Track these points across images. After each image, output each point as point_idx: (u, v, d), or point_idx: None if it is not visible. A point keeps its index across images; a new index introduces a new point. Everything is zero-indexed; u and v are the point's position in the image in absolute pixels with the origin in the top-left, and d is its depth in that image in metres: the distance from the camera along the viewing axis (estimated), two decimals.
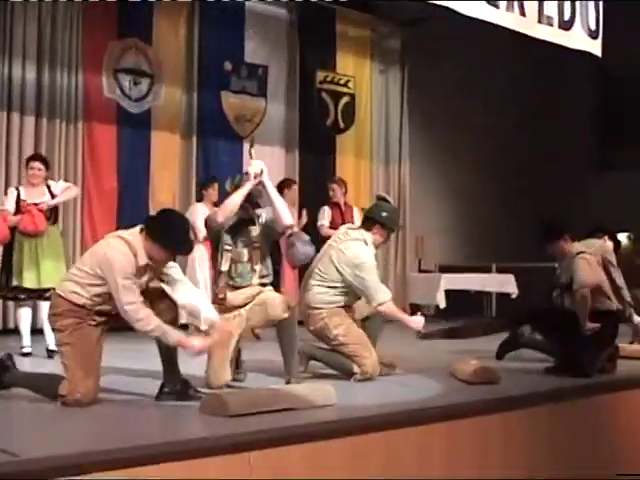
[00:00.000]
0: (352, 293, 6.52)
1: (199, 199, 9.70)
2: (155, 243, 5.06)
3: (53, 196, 7.74)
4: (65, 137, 10.16)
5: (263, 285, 6.09)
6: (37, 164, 7.76)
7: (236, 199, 5.92)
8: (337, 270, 6.47)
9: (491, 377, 6.17)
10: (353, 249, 6.53)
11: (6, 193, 7.99)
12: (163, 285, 5.32)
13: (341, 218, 9.80)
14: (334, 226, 9.67)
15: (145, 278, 5.14)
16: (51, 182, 7.93)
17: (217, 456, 4.07)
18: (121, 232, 5.30)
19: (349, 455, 4.56)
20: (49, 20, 10.05)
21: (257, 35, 11.93)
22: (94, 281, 5.05)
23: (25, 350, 7.54)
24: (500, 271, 13.43)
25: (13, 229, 7.54)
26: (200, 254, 9.03)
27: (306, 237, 7.81)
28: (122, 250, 5.03)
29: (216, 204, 8.49)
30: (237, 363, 6.16)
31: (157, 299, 5.20)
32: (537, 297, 8.26)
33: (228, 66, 11.70)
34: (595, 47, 8.72)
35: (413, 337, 8.88)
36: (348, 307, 6.55)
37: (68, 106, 10.19)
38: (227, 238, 6.01)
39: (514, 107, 14.83)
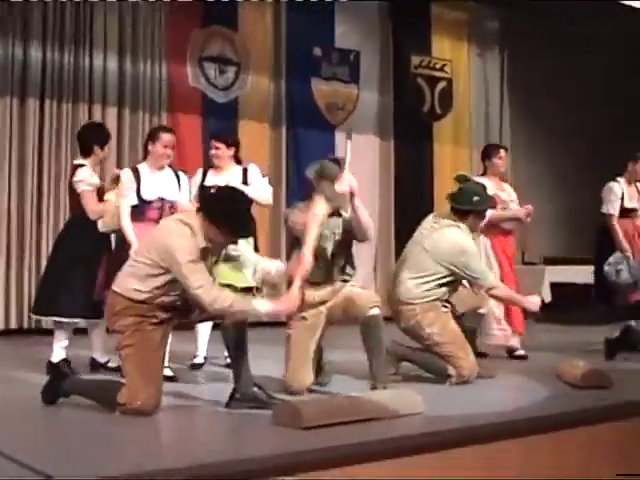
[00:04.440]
0: (448, 285, 5.97)
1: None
2: (213, 225, 4.62)
3: None
4: (149, 128, 9.80)
5: (344, 282, 5.59)
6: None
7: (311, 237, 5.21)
8: (434, 261, 5.92)
9: (602, 381, 5.56)
10: (450, 236, 5.99)
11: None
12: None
13: None
14: None
15: (207, 262, 4.70)
16: None
17: (290, 476, 3.58)
18: (178, 215, 4.95)
19: (436, 473, 4.01)
20: (130, 10, 9.77)
21: (348, 19, 11.41)
22: (154, 271, 4.61)
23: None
24: None
25: None
26: None
27: None
28: (183, 232, 4.59)
29: None
30: (319, 365, 5.66)
31: None
32: None
33: (318, 52, 11.23)
34: None
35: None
36: (444, 302, 5.99)
37: (151, 97, 9.90)
38: None
39: (625, 89, 13.95)
